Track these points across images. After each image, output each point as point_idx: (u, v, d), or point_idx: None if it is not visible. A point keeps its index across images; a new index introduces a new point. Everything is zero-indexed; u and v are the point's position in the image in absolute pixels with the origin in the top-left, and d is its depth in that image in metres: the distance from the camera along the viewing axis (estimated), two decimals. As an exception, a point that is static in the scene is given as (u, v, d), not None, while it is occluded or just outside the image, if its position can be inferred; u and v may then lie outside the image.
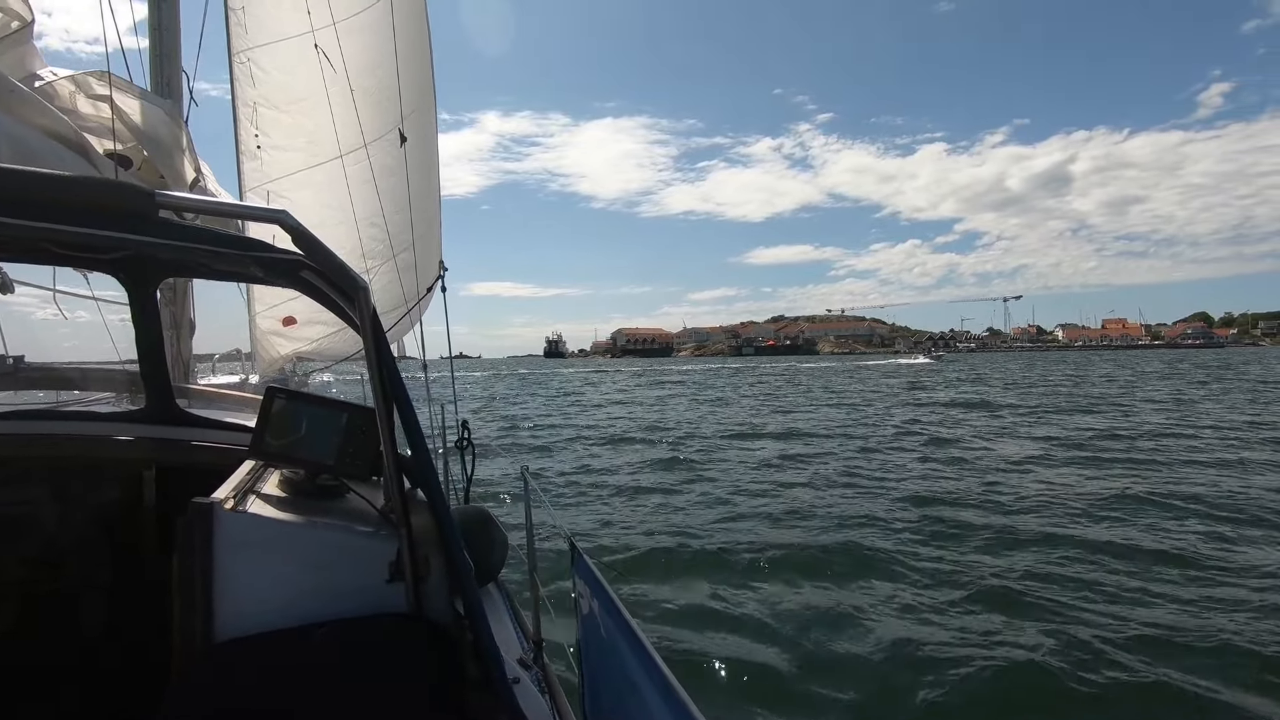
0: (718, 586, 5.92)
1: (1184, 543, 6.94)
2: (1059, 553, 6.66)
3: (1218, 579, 5.88)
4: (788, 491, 9.99)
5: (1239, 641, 4.64)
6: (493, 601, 2.91)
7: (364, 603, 1.56)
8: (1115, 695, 4.10)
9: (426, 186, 4.64)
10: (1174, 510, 8.21)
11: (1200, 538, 7.14)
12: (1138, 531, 7.37)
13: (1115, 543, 6.93)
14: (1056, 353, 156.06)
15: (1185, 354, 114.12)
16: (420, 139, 4.44)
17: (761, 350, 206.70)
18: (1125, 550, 6.69)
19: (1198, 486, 9.59)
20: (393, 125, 4.34)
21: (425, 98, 4.48)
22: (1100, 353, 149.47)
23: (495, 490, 9.90)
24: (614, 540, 7.53)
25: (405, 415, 1.50)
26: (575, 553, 2.17)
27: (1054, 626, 4.96)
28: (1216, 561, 6.32)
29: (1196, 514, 8.04)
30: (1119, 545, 6.85)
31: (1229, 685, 4.16)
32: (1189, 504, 8.47)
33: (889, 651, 4.66)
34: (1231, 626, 4.89)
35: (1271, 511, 8.04)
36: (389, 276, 4.37)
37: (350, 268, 1.35)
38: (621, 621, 1.64)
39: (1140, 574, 6.03)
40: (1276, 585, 5.64)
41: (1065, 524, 7.73)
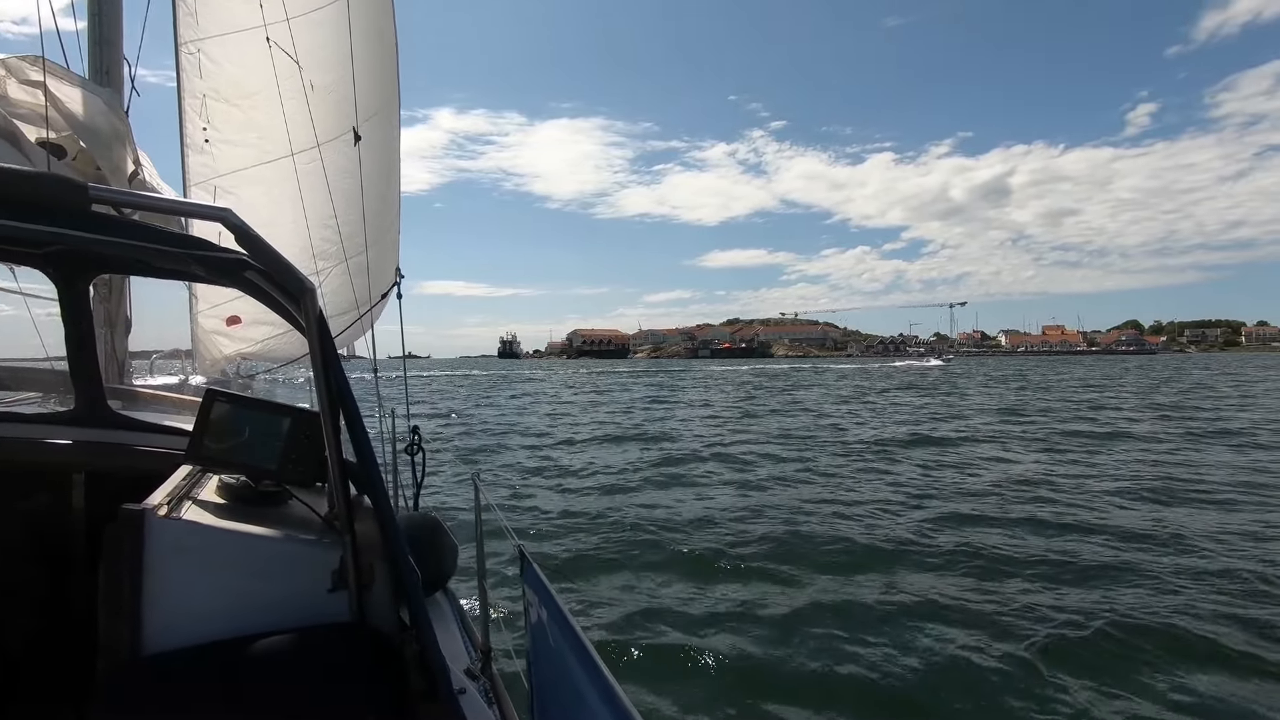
0: (670, 596, 5.93)
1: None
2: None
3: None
4: (769, 501, 10.08)
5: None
6: (441, 610, 2.86)
7: (305, 613, 1.52)
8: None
9: (385, 191, 4.53)
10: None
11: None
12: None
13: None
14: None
15: (1138, 360, 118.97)
16: (380, 143, 4.34)
17: (717, 353, 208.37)
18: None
19: None
20: (348, 126, 4.23)
21: (388, 102, 4.38)
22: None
23: (447, 497, 9.74)
24: (566, 548, 7.48)
25: (351, 419, 1.46)
26: (525, 561, 2.14)
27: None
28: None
29: None
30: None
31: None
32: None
33: (846, 662, 4.72)
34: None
35: None
36: (340, 279, 4.26)
37: (296, 269, 1.30)
38: (569, 631, 1.62)
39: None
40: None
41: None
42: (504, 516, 3.82)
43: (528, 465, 13.32)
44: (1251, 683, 4.41)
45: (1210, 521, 8.31)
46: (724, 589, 6.08)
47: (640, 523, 8.49)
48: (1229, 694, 4.29)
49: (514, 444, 16.46)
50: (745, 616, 5.45)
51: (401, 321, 4.32)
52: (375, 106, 4.37)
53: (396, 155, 4.63)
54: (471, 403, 31.67)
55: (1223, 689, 4.35)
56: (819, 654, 4.83)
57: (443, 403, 31.80)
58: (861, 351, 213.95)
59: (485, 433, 18.88)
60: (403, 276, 4.56)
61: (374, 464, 1.47)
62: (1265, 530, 7.84)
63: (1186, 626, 5.17)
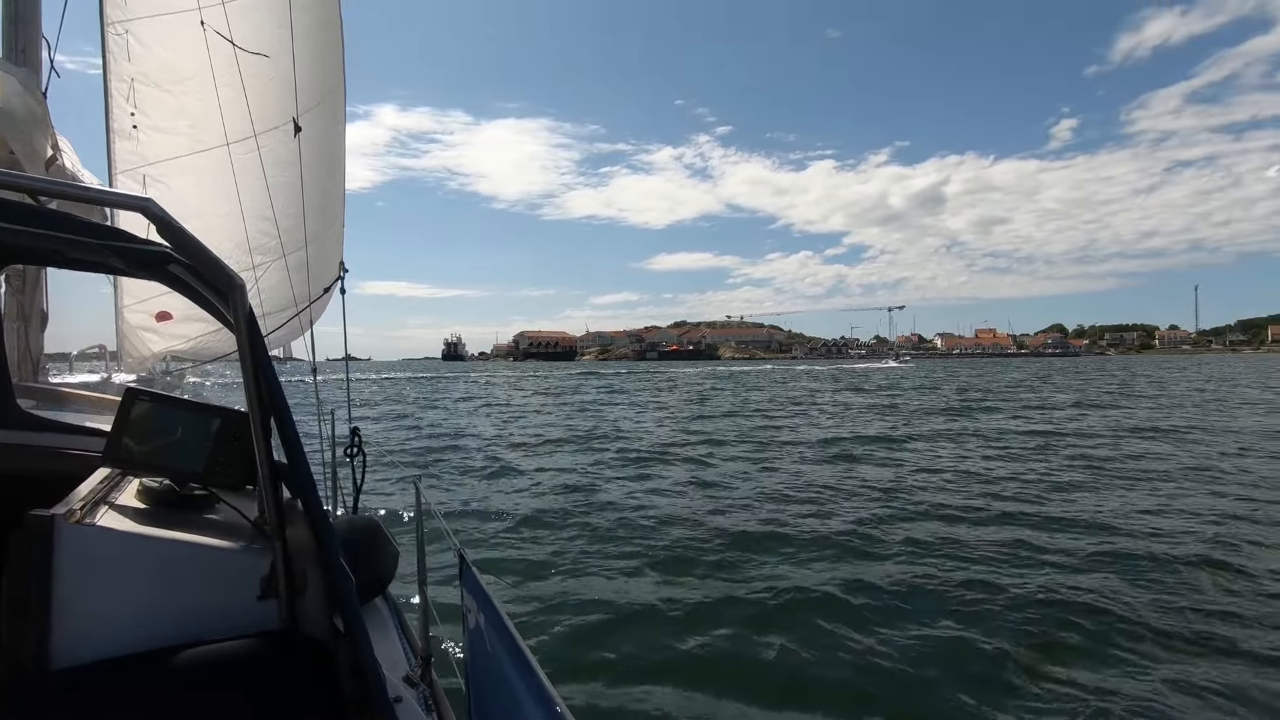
0: (615, 600, 5.89)
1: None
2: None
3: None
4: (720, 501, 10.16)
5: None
6: (380, 616, 2.79)
7: (232, 622, 1.46)
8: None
9: (327, 184, 4.38)
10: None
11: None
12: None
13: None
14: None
15: (1063, 361, 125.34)
16: (323, 135, 4.19)
17: (665, 355, 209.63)
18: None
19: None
20: (288, 116, 4.08)
21: (332, 93, 4.24)
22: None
23: (389, 500, 9.51)
24: (509, 552, 7.38)
25: (282, 420, 1.41)
26: (464, 565, 2.10)
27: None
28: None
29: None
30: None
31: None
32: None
33: (798, 660, 4.77)
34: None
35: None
36: (279, 275, 4.10)
37: (223, 263, 1.25)
38: (507, 637, 1.59)
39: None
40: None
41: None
42: (445, 520, 3.74)
43: (472, 467, 13.12)
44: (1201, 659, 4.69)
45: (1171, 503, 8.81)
46: (672, 592, 6.08)
47: (587, 525, 8.46)
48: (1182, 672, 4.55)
49: (459, 446, 16.17)
50: (691, 620, 5.44)
51: (345, 319, 4.19)
52: (318, 97, 4.22)
53: (341, 148, 4.48)
54: (416, 406, 31.02)
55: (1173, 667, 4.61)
56: (768, 656, 4.87)
57: (387, 405, 31.06)
58: (806, 354, 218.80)
59: (431, 436, 18.49)
60: (346, 271, 4.41)
61: (306, 466, 1.43)
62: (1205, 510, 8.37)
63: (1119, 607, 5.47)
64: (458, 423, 22.64)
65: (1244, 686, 4.34)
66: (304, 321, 4.29)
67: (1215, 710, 4.12)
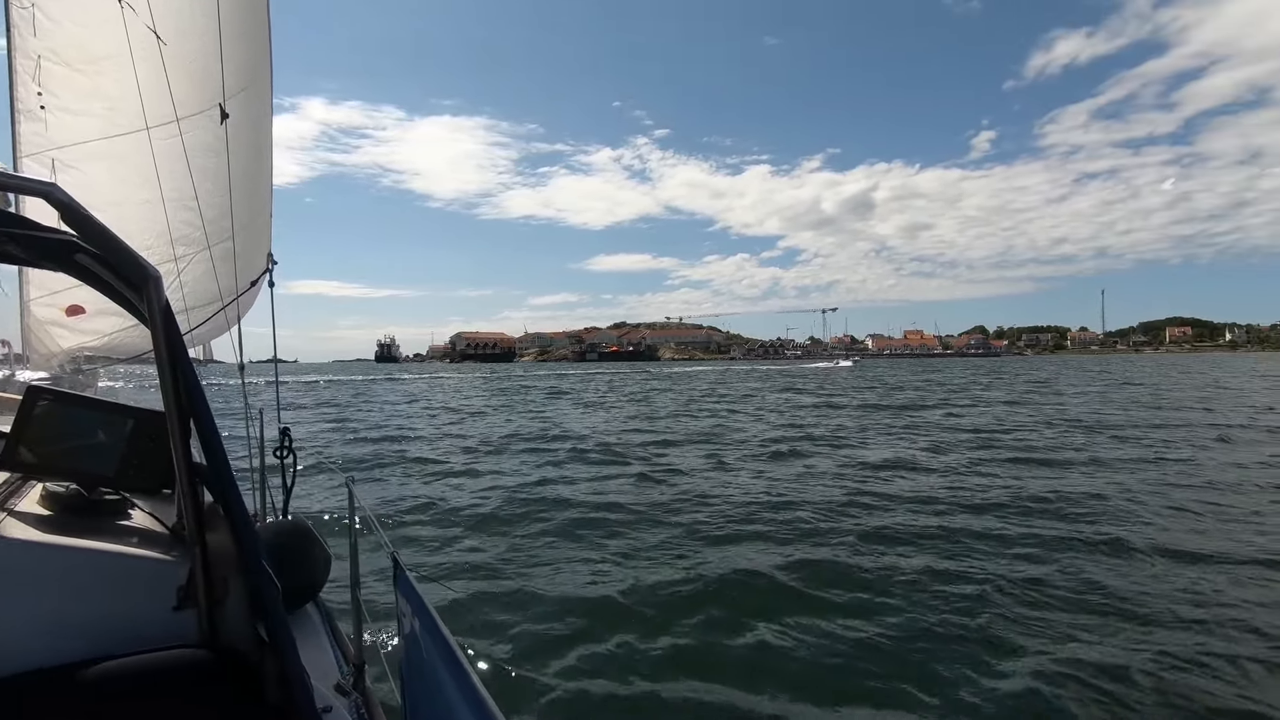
0: (553, 602, 5.82)
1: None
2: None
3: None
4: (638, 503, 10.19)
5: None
6: (311, 622, 2.71)
7: (146, 635, 1.39)
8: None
9: (255, 171, 4.20)
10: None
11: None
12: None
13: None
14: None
15: (989, 362, 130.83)
16: (250, 119, 4.01)
17: (605, 355, 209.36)
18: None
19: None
20: (213, 101, 3.90)
21: (259, 77, 4.06)
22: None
23: (322, 503, 9.19)
24: (446, 555, 7.25)
25: (201, 419, 1.34)
26: (398, 568, 2.05)
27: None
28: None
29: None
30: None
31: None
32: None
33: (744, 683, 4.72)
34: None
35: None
36: (203, 267, 3.91)
37: (135, 253, 1.19)
38: (442, 641, 1.55)
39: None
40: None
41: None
42: (380, 522, 3.65)
43: (410, 469, 12.81)
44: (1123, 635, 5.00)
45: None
46: (616, 593, 6.07)
47: (528, 526, 8.40)
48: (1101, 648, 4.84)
49: (395, 448, 15.76)
50: (637, 621, 5.44)
51: (274, 313, 4.04)
52: (244, 81, 4.04)
53: (268, 134, 4.29)
54: (349, 408, 30.03)
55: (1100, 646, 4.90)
56: (716, 651, 4.92)
57: (321, 408, 29.96)
58: (744, 354, 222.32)
59: (364, 439, 17.93)
60: (275, 263, 4.24)
61: (227, 467, 1.36)
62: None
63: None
64: (393, 424, 22.04)
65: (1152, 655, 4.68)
66: (230, 316, 4.11)
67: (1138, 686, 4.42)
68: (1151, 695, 4.21)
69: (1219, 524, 8.12)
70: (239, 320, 4.20)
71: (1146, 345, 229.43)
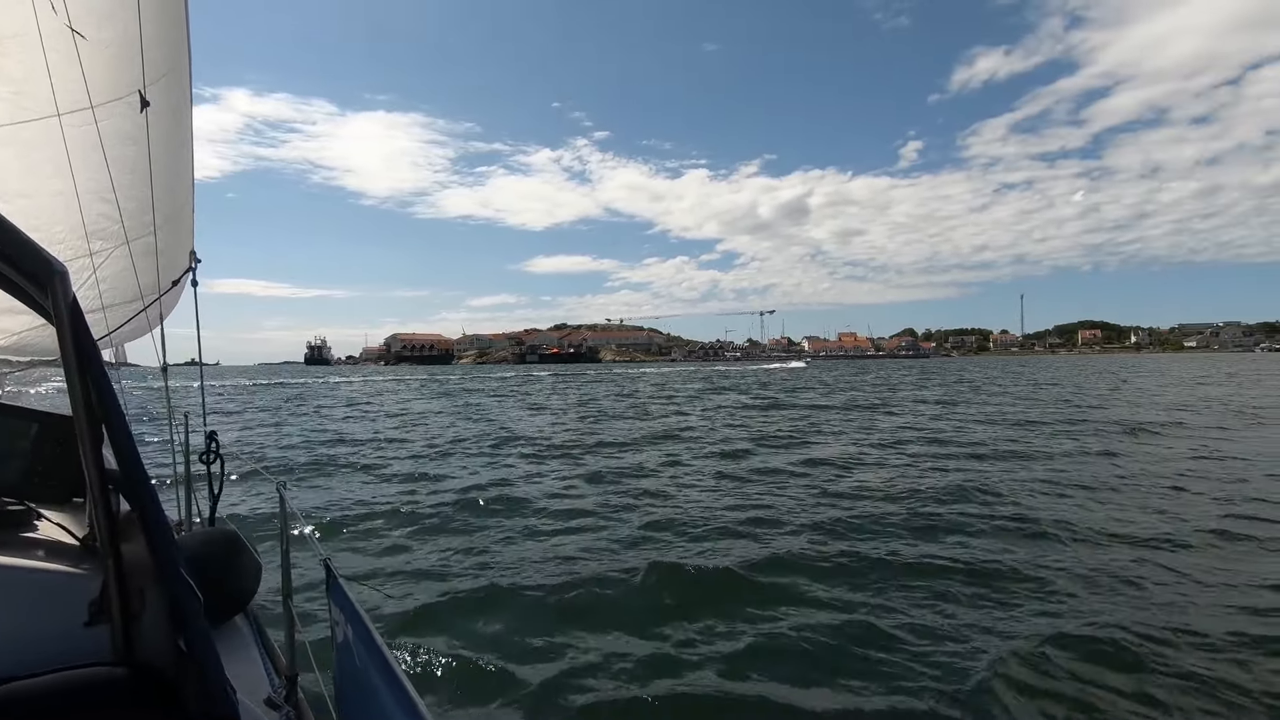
0: (492, 612, 5.73)
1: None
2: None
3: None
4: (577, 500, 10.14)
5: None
6: (240, 634, 2.60)
7: (55, 652, 1.31)
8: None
9: (176, 163, 3.97)
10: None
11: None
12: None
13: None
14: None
15: (920, 363, 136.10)
16: (171, 107, 3.79)
17: (546, 358, 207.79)
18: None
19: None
20: (132, 87, 3.67)
21: (178, 60, 3.83)
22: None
23: (254, 510, 8.80)
24: (382, 563, 7.05)
25: (113, 423, 1.26)
26: (330, 575, 1.98)
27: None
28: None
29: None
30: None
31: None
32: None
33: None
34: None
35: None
36: (122, 264, 3.67)
37: (39, 247, 1.12)
38: (375, 650, 1.51)
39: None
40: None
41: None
42: (313, 529, 3.52)
43: (344, 474, 12.41)
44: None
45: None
46: (555, 596, 6.03)
47: (466, 530, 8.28)
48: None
49: (330, 453, 15.24)
50: (574, 624, 5.42)
51: (197, 315, 3.83)
52: (165, 66, 3.82)
53: (189, 123, 4.07)
54: (279, 412, 28.84)
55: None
56: (654, 653, 4.95)
57: (246, 412, 28.64)
58: (684, 356, 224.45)
59: (299, 447, 17.27)
60: (199, 260, 4.02)
61: (143, 473, 1.28)
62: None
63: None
64: (327, 428, 21.29)
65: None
66: (152, 317, 3.87)
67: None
68: (1068, 663, 4.46)
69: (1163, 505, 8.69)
70: (162, 319, 3.96)
71: (1061, 347, 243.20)
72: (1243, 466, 11.79)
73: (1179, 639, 4.90)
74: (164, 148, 3.83)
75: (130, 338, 4.08)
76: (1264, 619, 5.23)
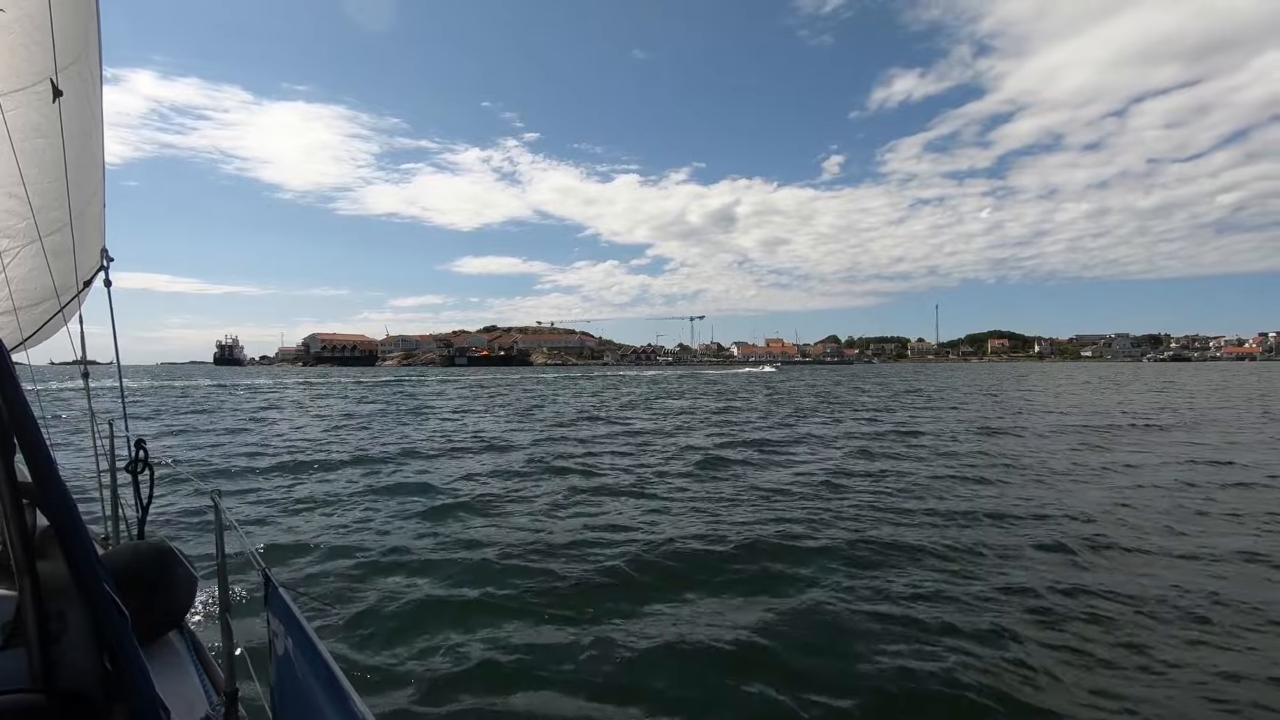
0: (438, 615, 5.71)
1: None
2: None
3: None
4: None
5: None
6: (175, 652, 2.53)
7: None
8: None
9: (86, 154, 3.77)
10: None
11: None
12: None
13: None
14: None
15: (848, 369, 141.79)
16: (80, 96, 3.59)
17: (475, 360, 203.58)
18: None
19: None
20: (43, 75, 3.47)
21: (88, 46, 3.62)
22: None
23: (189, 521, 8.35)
24: (327, 571, 6.83)
25: (27, 431, 1.20)
26: (270, 586, 1.93)
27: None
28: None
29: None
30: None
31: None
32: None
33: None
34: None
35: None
36: (34, 262, 3.46)
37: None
38: (318, 661, 1.47)
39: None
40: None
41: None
42: (252, 540, 3.39)
43: (279, 483, 11.90)
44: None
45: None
46: (498, 600, 6.04)
47: (410, 539, 8.12)
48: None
49: (258, 461, 14.56)
50: (516, 629, 5.43)
51: (113, 316, 3.64)
52: (75, 51, 3.62)
53: (98, 113, 3.87)
54: (187, 415, 27.25)
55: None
56: (605, 657, 4.98)
57: (170, 418, 26.93)
58: (617, 360, 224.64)
59: (227, 454, 16.39)
60: (111, 260, 3.81)
61: (60, 484, 1.22)
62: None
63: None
64: (254, 437, 20.29)
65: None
66: (66, 314, 3.66)
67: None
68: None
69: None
70: (81, 321, 3.74)
71: (973, 355, 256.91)
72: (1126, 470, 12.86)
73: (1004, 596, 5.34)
74: (71, 139, 3.64)
75: (44, 338, 3.83)
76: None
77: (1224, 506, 9.63)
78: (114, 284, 3.67)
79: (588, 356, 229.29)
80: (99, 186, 4.10)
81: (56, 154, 3.55)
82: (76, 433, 16.43)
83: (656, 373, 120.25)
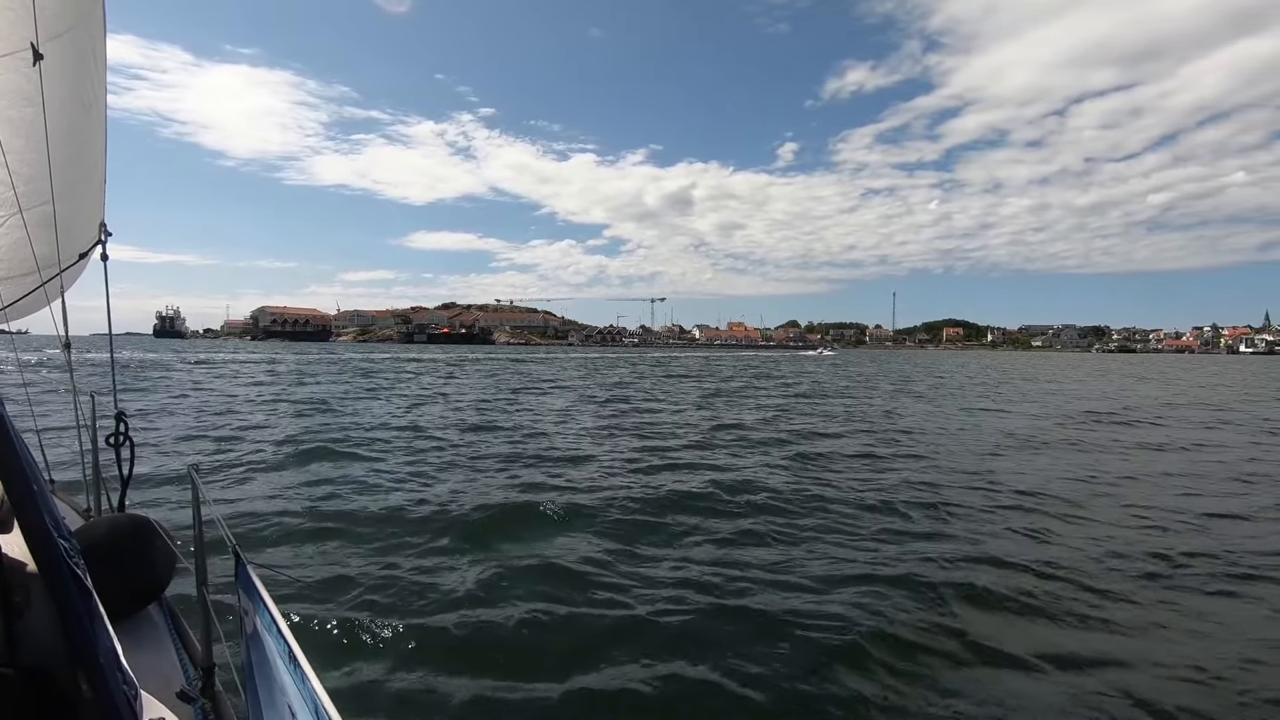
0: (412, 602, 5.58)
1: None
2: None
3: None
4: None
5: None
6: (153, 625, 2.55)
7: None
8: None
9: (82, 126, 3.67)
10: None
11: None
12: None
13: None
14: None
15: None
16: (74, 65, 3.50)
17: (435, 338, 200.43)
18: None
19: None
20: (25, 40, 3.37)
21: (87, 14, 3.55)
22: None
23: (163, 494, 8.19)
24: (301, 547, 6.71)
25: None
26: (239, 561, 1.93)
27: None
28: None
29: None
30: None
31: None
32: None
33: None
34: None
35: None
36: (17, 234, 3.38)
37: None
38: (281, 638, 1.47)
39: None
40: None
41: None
42: (227, 515, 3.38)
43: (253, 461, 11.67)
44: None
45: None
46: (463, 579, 6.06)
47: (385, 516, 8.07)
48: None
49: (236, 437, 14.22)
50: (482, 610, 5.43)
51: (108, 292, 3.58)
52: (69, 17, 3.53)
53: (100, 83, 3.77)
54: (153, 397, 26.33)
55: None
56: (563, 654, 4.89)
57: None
58: (581, 340, 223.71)
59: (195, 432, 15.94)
60: (110, 234, 3.75)
61: (22, 454, 1.20)
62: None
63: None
64: (205, 418, 19.74)
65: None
66: (51, 290, 3.58)
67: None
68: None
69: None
70: (63, 294, 3.66)
71: (929, 343, 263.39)
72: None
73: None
74: (65, 110, 3.55)
75: (28, 311, 3.74)
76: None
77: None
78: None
79: (551, 336, 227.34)
80: (99, 161, 3.99)
81: (43, 125, 3.45)
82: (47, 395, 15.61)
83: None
